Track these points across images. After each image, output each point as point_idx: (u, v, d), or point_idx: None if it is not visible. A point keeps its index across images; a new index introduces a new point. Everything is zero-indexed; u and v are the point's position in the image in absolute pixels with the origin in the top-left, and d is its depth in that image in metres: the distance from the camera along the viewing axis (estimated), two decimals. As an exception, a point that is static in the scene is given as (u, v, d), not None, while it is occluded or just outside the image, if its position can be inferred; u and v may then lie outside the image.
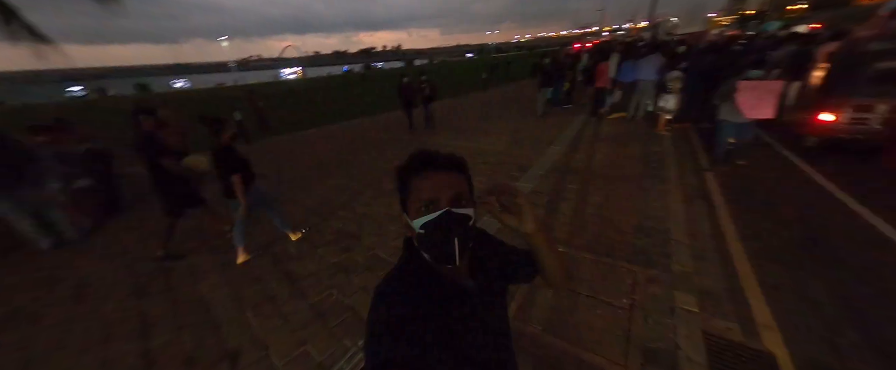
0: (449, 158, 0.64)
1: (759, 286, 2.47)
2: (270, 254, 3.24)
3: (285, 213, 3.51)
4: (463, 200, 0.62)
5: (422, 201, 0.60)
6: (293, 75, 71.72)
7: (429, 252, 0.63)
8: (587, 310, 2.21)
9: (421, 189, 0.61)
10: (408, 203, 0.63)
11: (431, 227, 0.60)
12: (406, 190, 0.63)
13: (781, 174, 4.32)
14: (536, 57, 23.46)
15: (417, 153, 0.64)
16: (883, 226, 3.00)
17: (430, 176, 0.61)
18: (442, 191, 0.60)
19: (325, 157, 6.74)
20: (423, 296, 0.62)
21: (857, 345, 1.93)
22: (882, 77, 4.07)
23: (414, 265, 0.66)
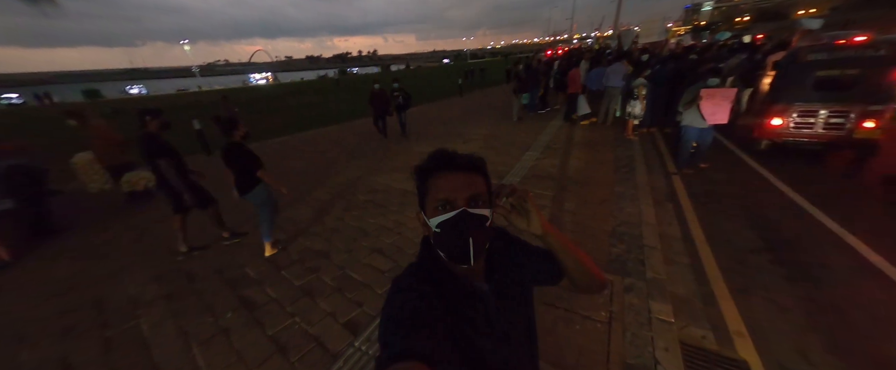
0: (468, 158, 0.65)
1: (728, 290, 2.52)
2: (225, 279, 2.93)
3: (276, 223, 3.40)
4: (480, 201, 0.62)
5: (439, 200, 0.61)
6: (263, 81, 68.92)
7: (444, 251, 0.63)
8: (566, 326, 2.14)
9: (438, 188, 0.62)
10: (425, 202, 0.65)
11: (447, 227, 0.61)
12: (424, 189, 0.65)
13: (740, 176, 4.56)
14: (510, 63, 24.06)
15: (437, 152, 0.66)
16: (831, 225, 3.20)
17: (447, 176, 0.62)
18: (459, 191, 0.61)
19: (295, 166, 6.39)
20: (437, 294, 0.62)
21: (821, 349, 1.98)
22: (822, 84, 4.42)
23: (430, 263, 0.67)
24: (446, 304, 0.62)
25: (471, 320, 0.63)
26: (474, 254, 0.61)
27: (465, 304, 0.64)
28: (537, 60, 12.29)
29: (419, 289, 0.62)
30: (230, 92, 37.75)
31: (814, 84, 4.48)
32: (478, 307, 0.65)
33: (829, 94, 4.38)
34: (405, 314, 0.57)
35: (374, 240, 3.42)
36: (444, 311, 0.60)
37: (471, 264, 0.62)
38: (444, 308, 0.61)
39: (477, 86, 19.82)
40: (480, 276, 0.69)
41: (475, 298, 0.65)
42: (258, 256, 3.24)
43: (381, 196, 4.56)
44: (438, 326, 0.57)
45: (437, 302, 0.61)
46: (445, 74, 34.94)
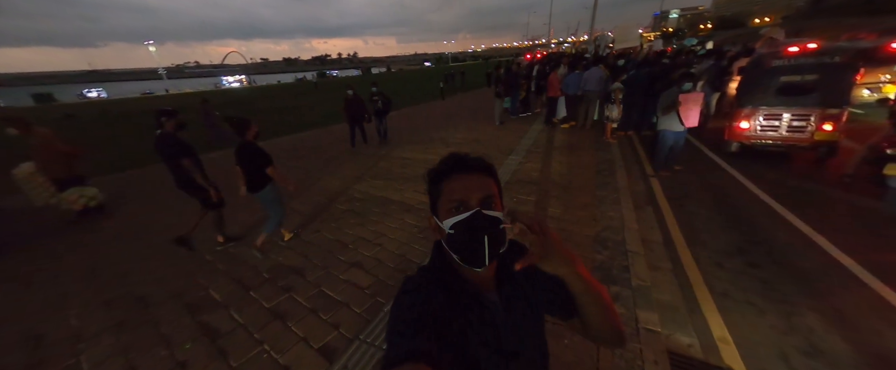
0: (479, 161, 0.66)
1: (710, 294, 2.54)
2: (185, 303, 2.66)
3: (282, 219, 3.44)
4: (493, 203, 0.63)
5: (453, 202, 0.62)
6: (237, 84, 66.25)
7: (458, 252, 0.63)
8: (554, 341, 2.06)
9: (452, 190, 0.63)
10: (438, 205, 0.65)
11: (462, 227, 0.61)
12: (437, 192, 0.65)
13: (713, 178, 4.71)
14: (491, 67, 24.34)
15: (449, 156, 0.67)
16: (799, 224, 3.33)
17: (460, 178, 0.63)
18: (472, 193, 0.61)
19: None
20: (445, 298, 0.62)
21: (800, 352, 2.00)
22: (785, 89, 4.65)
23: (441, 267, 0.67)
24: (453, 309, 0.62)
25: (475, 330, 0.62)
26: (489, 256, 0.61)
27: (473, 312, 0.63)
28: (517, 64, 12.43)
29: (427, 292, 0.63)
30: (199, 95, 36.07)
31: (777, 89, 4.71)
32: (485, 317, 0.64)
33: (791, 99, 4.62)
34: (413, 315, 0.58)
35: (353, 253, 3.24)
36: (450, 316, 0.61)
37: (485, 265, 0.62)
38: (451, 313, 0.61)
39: (459, 89, 19.84)
40: (490, 286, 0.69)
41: (483, 307, 0.65)
42: (225, 275, 2.98)
43: (361, 205, 4.37)
44: (444, 330, 0.58)
45: (445, 306, 0.61)
46: (427, 77, 34.91)
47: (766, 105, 4.79)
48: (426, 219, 0.63)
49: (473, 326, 0.62)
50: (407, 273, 2.82)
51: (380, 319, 2.35)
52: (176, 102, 26.56)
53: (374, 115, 7.33)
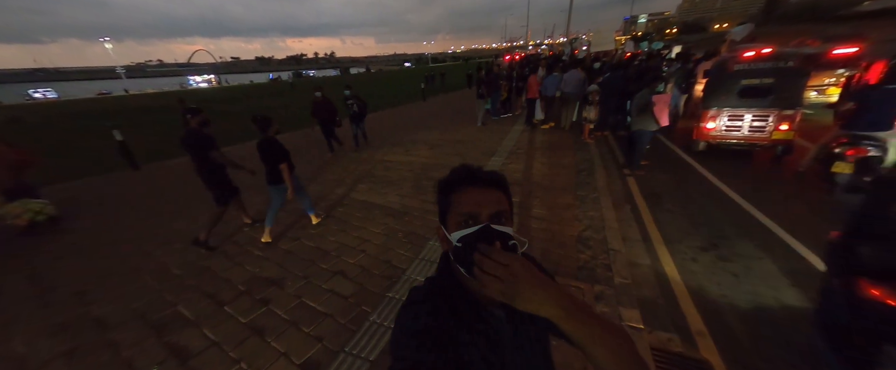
0: (491, 175, 0.66)
1: (686, 289, 2.65)
2: (150, 323, 2.46)
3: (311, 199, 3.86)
4: (503, 218, 0.61)
5: (462, 215, 0.61)
6: (205, 83, 62.88)
7: (464, 266, 0.61)
8: (542, 343, 2.07)
9: (462, 203, 0.62)
10: (447, 217, 0.64)
11: (469, 241, 0.59)
12: (446, 203, 0.65)
13: (684, 176, 4.95)
14: (471, 68, 24.48)
15: (461, 167, 0.67)
16: (762, 219, 3.55)
17: (471, 191, 0.62)
18: (482, 207, 0.61)
19: (243, 180, 5.76)
20: (450, 311, 0.61)
21: (771, 341, 2.13)
22: (746, 91, 4.97)
23: (447, 279, 0.66)
24: (458, 323, 0.61)
25: (480, 345, 0.61)
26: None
27: (477, 327, 0.62)
28: (497, 66, 12.57)
29: (433, 304, 0.62)
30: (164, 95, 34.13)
31: (739, 91, 5.03)
32: (489, 333, 0.63)
33: (751, 101, 4.94)
34: (418, 327, 0.58)
35: (336, 261, 3.13)
36: (455, 330, 0.60)
37: None
38: (455, 327, 0.60)
39: (440, 90, 19.82)
40: (496, 302, 0.66)
41: (487, 323, 0.63)
42: (196, 290, 2.79)
43: (342, 210, 4.24)
44: (448, 344, 0.57)
45: (450, 319, 0.60)
46: (407, 78, 34.67)
47: (729, 106, 5.10)
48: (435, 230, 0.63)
49: (477, 342, 0.61)
50: (392, 280, 2.77)
51: (365, 330, 2.27)
52: (134, 103, 24.86)
53: (350, 119, 6.97)
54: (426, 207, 4.15)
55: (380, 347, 2.13)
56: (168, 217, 4.40)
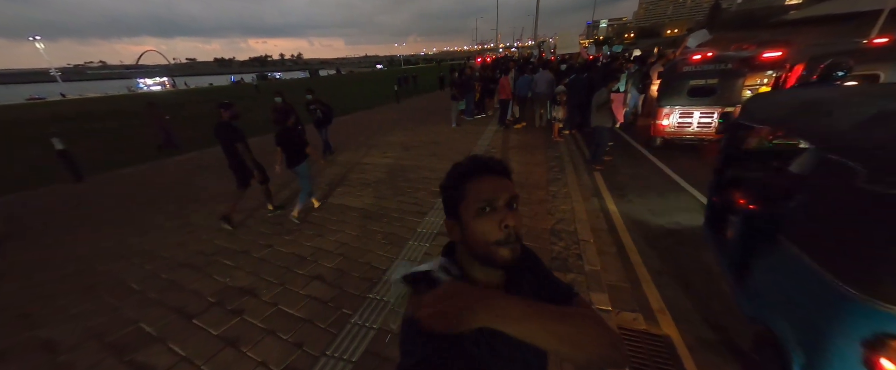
0: (502, 164, 0.68)
1: (648, 272, 2.88)
2: (108, 343, 2.29)
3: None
4: (515, 205, 0.64)
5: (482, 201, 0.62)
6: (158, 87, 58.16)
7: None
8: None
9: (480, 191, 0.63)
10: (461, 206, 0.64)
11: (417, 288, 0.61)
12: (459, 194, 0.65)
13: (644, 170, 5.35)
14: (444, 70, 24.70)
15: (472, 158, 0.68)
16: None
17: (487, 179, 0.64)
18: (499, 193, 0.62)
19: (207, 186, 5.45)
20: None
21: (722, 313, 2.38)
22: (694, 91, 5.47)
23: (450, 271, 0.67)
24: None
25: (487, 337, 0.62)
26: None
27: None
28: (470, 67, 12.80)
29: None
30: (108, 100, 31.42)
31: (688, 91, 5.52)
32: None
33: (698, 99, 5.44)
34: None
35: (313, 266, 3.06)
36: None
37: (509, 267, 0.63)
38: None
39: (413, 92, 19.79)
40: (501, 290, 0.69)
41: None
42: (159, 305, 2.62)
43: (318, 215, 4.15)
44: (458, 338, 0.57)
45: None
46: (380, 80, 34.25)
47: (680, 105, 5.58)
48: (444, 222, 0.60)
49: (486, 332, 0.58)
50: (372, 281, 2.76)
51: (347, 332, 2.26)
52: (71, 109, 22.48)
53: (314, 125, 6.52)
54: (404, 208, 4.16)
55: (362, 348, 2.13)
56: (121, 230, 4.07)
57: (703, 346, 2.14)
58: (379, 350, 2.11)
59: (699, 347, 2.14)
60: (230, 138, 3.77)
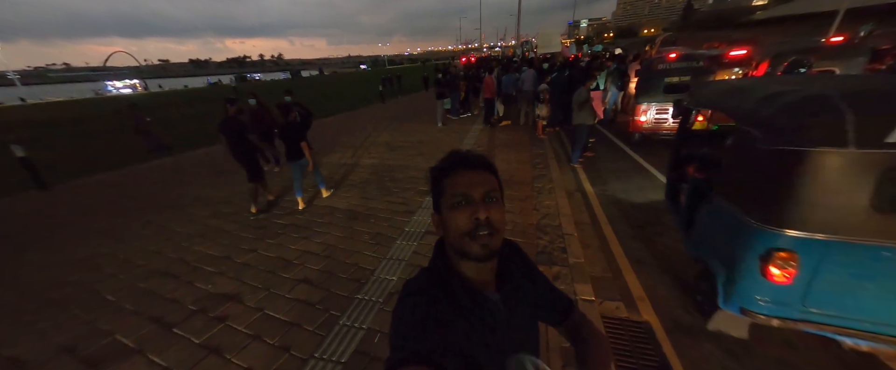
0: (480, 158, 0.68)
1: (629, 262, 2.99)
2: (81, 358, 2.18)
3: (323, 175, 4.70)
4: (494, 198, 0.64)
5: (455, 195, 0.62)
6: (129, 89, 55.39)
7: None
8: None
9: (454, 185, 0.63)
10: (441, 201, 0.66)
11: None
12: (440, 189, 0.66)
13: (624, 165, 5.52)
14: (428, 70, 24.65)
15: (451, 153, 0.69)
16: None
17: (462, 173, 0.64)
18: (474, 187, 0.62)
19: (186, 193, 5.25)
20: (448, 299, 0.62)
21: (696, 299, 2.50)
22: (669, 88, 5.69)
23: (442, 268, 0.67)
24: (458, 310, 0.62)
25: (480, 330, 0.62)
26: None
27: (476, 312, 0.63)
28: (454, 67, 12.84)
29: (430, 293, 0.62)
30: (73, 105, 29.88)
31: (664, 88, 5.74)
32: (487, 317, 0.64)
33: (674, 96, 5.65)
34: (417, 317, 0.58)
35: (300, 269, 3.02)
36: (455, 317, 0.60)
37: (486, 260, 0.63)
38: (455, 314, 0.61)
39: (398, 93, 19.67)
40: (491, 285, 0.69)
41: (485, 307, 0.65)
42: (136, 315, 2.52)
43: (304, 217, 4.08)
44: (449, 332, 0.57)
45: (448, 307, 0.61)
46: (364, 81, 33.84)
47: (656, 101, 5.79)
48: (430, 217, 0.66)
49: (477, 327, 0.62)
50: (361, 282, 2.75)
51: (336, 333, 2.25)
52: (34, 115, 21.15)
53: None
54: (392, 208, 4.15)
55: (352, 348, 2.12)
56: (92, 239, 3.88)
57: (679, 329, 2.25)
58: (368, 349, 2.11)
59: (675, 330, 2.24)
60: (238, 132, 4.06)
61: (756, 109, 1.86)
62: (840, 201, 1.56)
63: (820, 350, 2.01)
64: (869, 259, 1.59)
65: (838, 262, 1.64)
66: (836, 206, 1.58)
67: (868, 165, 1.50)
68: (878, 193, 1.50)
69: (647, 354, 2.06)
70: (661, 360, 2.02)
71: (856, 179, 1.53)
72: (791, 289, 1.74)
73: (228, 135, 4.05)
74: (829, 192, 1.57)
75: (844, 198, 1.56)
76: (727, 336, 2.13)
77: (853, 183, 1.53)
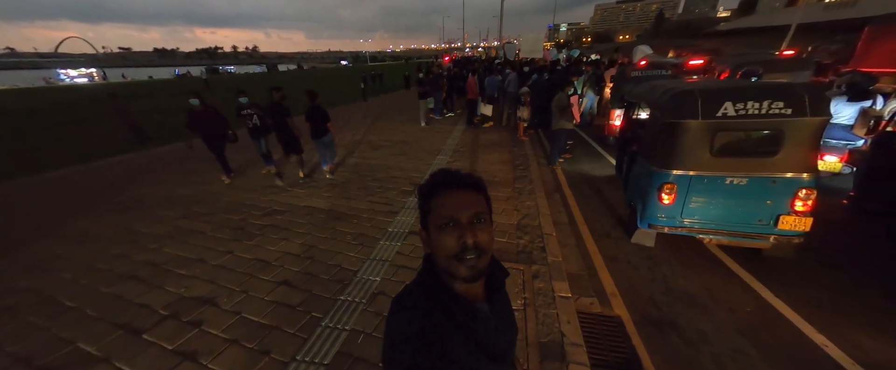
0: (470, 178, 0.67)
1: (603, 259, 3.16)
2: (40, 368, 2.04)
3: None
4: (482, 220, 0.63)
5: (443, 218, 0.62)
6: (83, 79, 51.05)
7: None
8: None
9: (442, 206, 0.63)
10: (428, 220, 0.65)
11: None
12: (427, 208, 0.65)
13: (600, 166, 5.78)
14: (409, 68, 24.47)
15: (439, 172, 0.68)
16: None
17: (450, 194, 0.63)
18: (462, 210, 0.62)
19: (155, 193, 4.96)
20: (441, 312, 0.62)
21: (662, 293, 2.69)
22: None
23: (433, 282, 0.66)
24: (452, 324, 0.62)
25: (474, 342, 0.64)
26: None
27: (470, 325, 0.64)
28: (437, 66, 12.85)
29: (423, 307, 0.62)
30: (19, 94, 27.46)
31: (637, 93, 6.09)
32: (479, 329, 0.65)
33: (645, 102, 6.02)
34: (412, 332, 0.58)
35: (279, 271, 2.95)
36: (450, 330, 0.61)
37: (473, 281, 0.64)
38: (450, 327, 0.61)
39: (380, 91, 19.42)
40: (481, 297, 0.70)
41: (478, 319, 0.66)
42: (101, 322, 2.38)
43: (284, 218, 3.98)
44: (446, 346, 0.58)
45: (442, 320, 0.61)
46: (345, 77, 33.06)
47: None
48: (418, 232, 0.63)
49: (472, 339, 0.63)
50: (344, 283, 2.74)
51: (318, 335, 2.23)
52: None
53: (249, 134, 5.27)
54: (375, 208, 4.13)
55: (335, 350, 2.11)
56: (46, 241, 3.60)
57: (647, 322, 2.42)
58: (352, 350, 2.11)
59: (644, 323, 2.41)
60: (283, 115, 4.74)
61: (658, 98, 3.06)
62: (696, 150, 2.72)
63: (691, 247, 3.28)
64: (713, 185, 2.77)
65: (697, 189, 2.81)
66: (695, 154, 2.73)
67: (709, 129, 2.66)
68: (714, 144, 2.70)
69: (618, 347, 2.20)
70: (630, 352, 2.17)
71: (703, 137, 2.68)
72: (673, 208, 2.90)
73: (274, 117, 4.77)
74: (691, 145, 2.73)
75: (698, 149, 2.72)
76: (643, 247, 3.30)
77: (702, 139, 2.69)
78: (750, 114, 2.54)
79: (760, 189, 2.69)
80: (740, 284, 2.76)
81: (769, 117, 2.53)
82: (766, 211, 2.72)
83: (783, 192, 2.65)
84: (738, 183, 2.71)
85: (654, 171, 2.92)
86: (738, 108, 2.54)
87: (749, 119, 2.56)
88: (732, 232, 2.84)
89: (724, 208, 2.80)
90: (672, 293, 2.69)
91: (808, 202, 2.61)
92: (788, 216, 2.67)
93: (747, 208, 2.76)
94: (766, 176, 2.66)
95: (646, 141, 3.25)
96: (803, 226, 2.66)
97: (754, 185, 2.69)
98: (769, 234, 2.77)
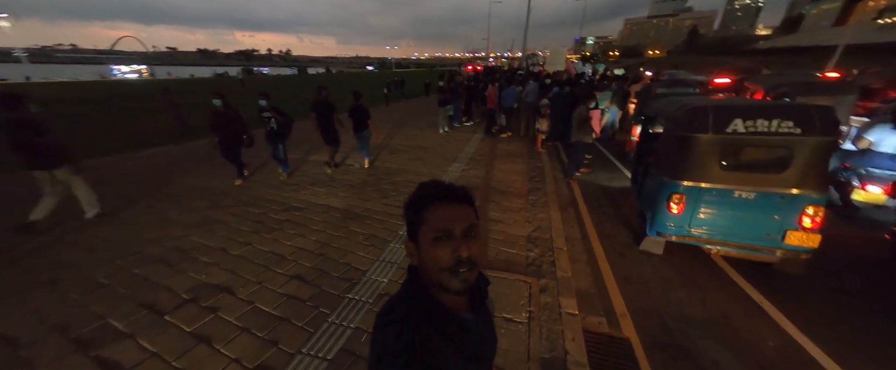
0: (462, 191, 0.67)
1: (614, 279, 3.07)
2: (73, 338, 2.22)
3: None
4: (474, 232, 0.64)
5: (437, 231, 0.62)
6: (134, 75, 55.49)
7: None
8: (493, 331, 2.28)
9: (436, 219, 0.62)
10: (419, 232, 0.65)
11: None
12: (418, 219, 0.65)
13: (618, 182, 5.63)
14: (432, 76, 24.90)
15: (431, 183, 0.68)
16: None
17: (444, 207, 0.63)
18: (456, 222, 0.62)
19: (188, 184, 5.30)
20: (429, 324, 0.62)
21: (676, 319, 2.58)
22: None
23: (419, 294, 0.67)
24: (440, 336, 0.62)
25: (461, 351, 0.64)
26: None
27: (457, 336, 0.65)
28: (459, 75, 13.03)
29: (412, 322, 0.62)
30: (77, 86, 29.96)
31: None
32: (465, 339, 0.66)
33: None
34: (400, 347, 0.58)
35: (293, 265, 3.07)
36: (438, 343, 0.61)
37: (464, 294, 0.65)
38: (438, 339, 0.61)
39: (401, 96, 19.86)
40: (465, 306, 0.71)
41: (465, 329, 0.67)
42: (129, 300, 2.56)
43: (300, 214, 4.14)
44: (435, 358, 0.58)
45: (430, 332, 0.61)
46: (370, 82, 34.07)
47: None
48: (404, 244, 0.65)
49: (459, 349, 0.64)
50: (352, 281, 2.81)
51: (324, 330, 2.30)
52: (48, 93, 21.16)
53: (266, 137, 5.20)
54: (388, 211, 4.22)
55: (339, 346, 2.17)
56: (88, 223, 3.91)
57: (658, 348, 2.32)
58: (354, 348, 2.16)
59: (654, 349, 2.31)
60: (329, 110, 5.30)
61: (673, 113, 3.24)
62: (706, 163, 2.81)
63: (696, 257, 3.36)
64: (721, 198, 2.85)
65: (706, 200, 2.90)
66: (705, 166, 2.82)
67: (719, 143, 2.75)
68: (723, 158, 2.79)
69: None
70: (638, 377, 2.09)
71: (713, 150, 2.77)
72: (682, 218, 2.99)
73: (320, 112, 5.24)
74: (701, 158, 2.82)
75: (708, 162, 2.81)
76: (652, 254, 3.39)
77: (712, 153, 2.78)
78: (759, 131, 2.65)
79: (768, 204, 2.76)
80: (763, 317, 2.60)
81: (778, 135, 2.63)
82: (773, 225, 2.78)
83: (791, 208, 2.72)
84: (746, 197, 2.79)
85: (664, 181, 3.05)
86: (748, 125, 2.66)
87: (758, 136, 2.66)
88: (739, 244, 2.90)
89: (732, 220, 2.88)
90: (688, 320, 2.57)
91: (815, 219, 2.67)
92: (796, 231, 2.72)
93: (755, 222, 2.82)
94: (774, 191, 2.73)
95: (660, 152, 3.35)
96: (811, 242, 2.70)
97: (762, 199, 2.76)
98: (776, 248, 2.82)
